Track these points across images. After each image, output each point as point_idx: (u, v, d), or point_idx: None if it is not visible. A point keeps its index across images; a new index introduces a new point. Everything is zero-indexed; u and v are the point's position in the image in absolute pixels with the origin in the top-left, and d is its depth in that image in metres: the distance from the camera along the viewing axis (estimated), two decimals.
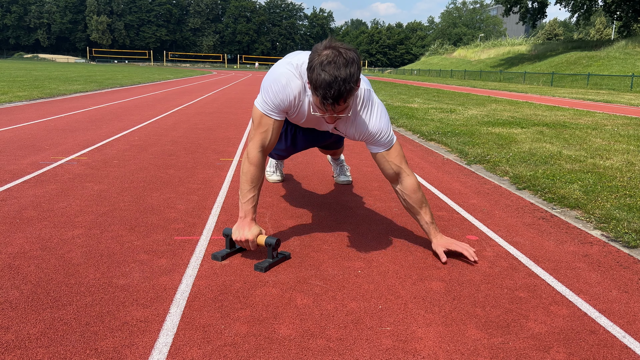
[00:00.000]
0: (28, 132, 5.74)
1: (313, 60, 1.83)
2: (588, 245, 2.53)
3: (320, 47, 1.87)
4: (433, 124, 7.61)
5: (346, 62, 1.79)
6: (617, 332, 1.68)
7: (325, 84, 1.78)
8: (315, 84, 1.81)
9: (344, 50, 1.82)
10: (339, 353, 1.50)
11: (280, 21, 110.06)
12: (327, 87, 1.79)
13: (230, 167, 4.19)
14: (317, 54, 1.84)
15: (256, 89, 18.01)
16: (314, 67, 1.81)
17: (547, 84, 29.50)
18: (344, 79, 1.78)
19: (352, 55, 1.82)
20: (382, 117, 2.18)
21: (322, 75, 1.78)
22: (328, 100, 1.82)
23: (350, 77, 1.80)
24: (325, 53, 1.81)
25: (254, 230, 2.17)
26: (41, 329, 1.58)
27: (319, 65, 1.80)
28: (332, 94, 1.79)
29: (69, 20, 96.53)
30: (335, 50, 1.81)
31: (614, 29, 50.57)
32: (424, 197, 2.31)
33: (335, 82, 1.77)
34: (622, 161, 4.77)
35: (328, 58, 1.79)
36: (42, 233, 2.43)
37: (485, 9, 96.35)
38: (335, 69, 1.78)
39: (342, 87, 1.79)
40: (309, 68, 1.84)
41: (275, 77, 2.10)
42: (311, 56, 1.86)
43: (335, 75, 1.77)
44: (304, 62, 2.07)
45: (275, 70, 2.13)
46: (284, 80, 2.08)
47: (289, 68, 2.09)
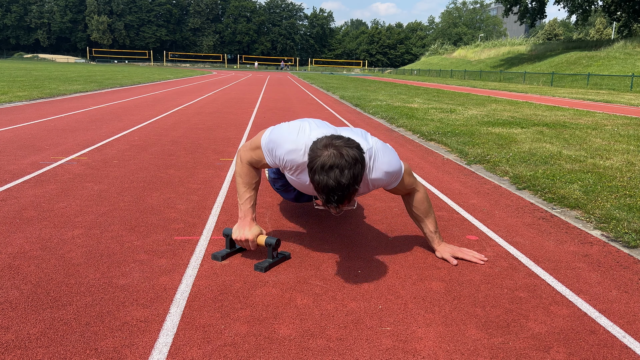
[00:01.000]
0: (28, 132, 5.74)
1: (314, 161, 1.74)
2: (588, 245, 2.53)
3: (320, 144, 1.77)
4: (433, 124, 7.62)
5: (349, 164, 1.71)
6: (617, 332, 1.68)
7: (328, 189, 1.71)
8: (318, 188, 1.75)
9: (346, 151, 1.73)
10: (339, 353, 1.51)
11: (280, 21, 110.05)
12: (330, 193, 1.72)
13: (230, 167, 4.19)
14: (317, 153, 1.75)
15: (256, 89, 18.01)
16: (315, 169, 1.73)
17: (547, 84, 29.51)
18: (347, 184, 1.71)
19: (354, 153, 1.74)
20: (388, 163, 2.07)
21: (325, 180, 1.70)
22: (331, 204, 1.77)
23: (354, 180, 1.72)
24: (326, 154, 1.72)
25: (254, 230, 2.17)
26: (41, 329, 1.58)
27: (320, 168, 1.71)
28: (336, 199, 1.74)
29: (69, 20, 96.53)
30: (336, 151, 1.72)
31: (614, 29, 50.57)
32: (431, 208, 2.31)
33: (338, 188, 1.70)
34: (622, 161, 4.77)
35: (330, 161, 1.70)
36: (42, 233, 2.43)
37: (485, 9, 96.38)
38: (338, 174, 1.69)
39: (345, 192, 1.72)
40: (310, 168, 1.76)
41: (286, 140, 1.99)
42: (311, 155, 1.77)
43: (338, 180, 1.69)
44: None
45: (291, 131, 2.01)
46: (290, 147, 1.98)
47: (304, 140, 1.97)
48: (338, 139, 1.78)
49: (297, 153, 1.97)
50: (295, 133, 2.00)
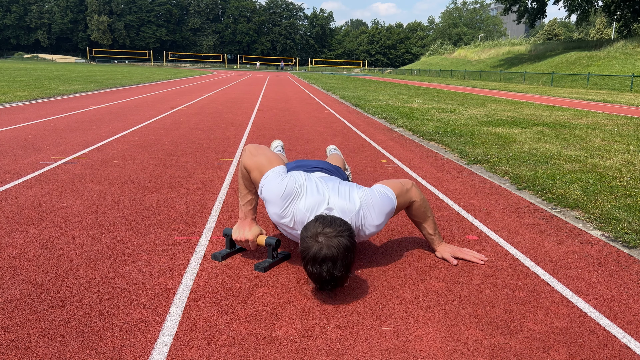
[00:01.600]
0: (28, 132, 5.74)
1: (307, 251, 1.77)
2: (588, 245, 2.53)
3: (311, 232, 1.79)
4: (433, 124, 7.61)
5: (341, 255, 1.74)
6: (617, 332, 1.68)
7: (322, 281, 1.77)
8: (312, 278, 1.80)
9: (337, 241, 1.75)
10: (339, 353, 1.50)
11: (280, 21, 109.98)
12: (324, 284, 1.78)
13: (230, 167, 4.19)
14: (309, 243, 1.77)
15: (256, 89, 18.01)
16: (307, 260, 1.77)
17: (547, 84, 29.51)
18: (340, 276, 1.76)
19: (345, 242, 1.76)
20: (383, 207, 2.07)
21: (318, 271, 1.75)
22: (326, 290, 1.82)
23: (347, 270, 1.78)
24: (318, 246, 1.75)
25: (254, 230, 2.17)
26: (41, 329, 1.58)
27: (312, 260, 1.75)
28: (329, 288, 1.79)
29: (69, 20, 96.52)
30: (328, 242, 1.75)
31: (614, 29, 50.56)
32: (429, 211, 2.31)
33: (332, 279, 1.76)
34: (622, 161, 4.77)
35: (321, 253, 1.74)
36: (42, 233, 2.43)
37: (485, 9, 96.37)
38: (331, 266, 1.73)
39: (339, 282, 1.79)
40: (303, 257, 1.79)
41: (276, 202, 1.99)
42: (303, 244, 1.79)
43: (332, 273, 1.74)
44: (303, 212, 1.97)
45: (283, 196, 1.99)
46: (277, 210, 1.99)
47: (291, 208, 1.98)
48: (329, 225, 1.79)
49: (283, 218, 2.00)
50: (285, 198, 1.98)
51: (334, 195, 2.02)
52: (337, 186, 2.08)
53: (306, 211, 1.96)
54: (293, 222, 1.99)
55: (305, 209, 1.96)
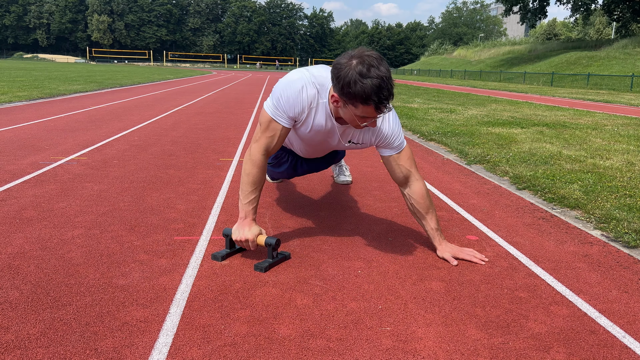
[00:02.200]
0: (28, 132, 5.74)
1: (348, 75, 1.79)
2: (588, 245, 2.53)
3: (342, 60, 1.84)
4: (433, 124, 7.61)
5: (379, 59, 1.80)
6: (617, 332, 1.68)
7: (377, 88, 1.78)
8: (364, 94, 1.79)
9: (369, 52, 1.82)
10: (339, 353, 1.50)
11: (280, 21, 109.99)
12: (380, 91, 1.78)
13: (230, 167, 4.19)
14: (345, 67, 1.81)
15: (256, 89, 18.01)
16: (354, 81, 1.78)
17: (547, 84, 29.50)
18: (389, 76, 1.80)
19: (377, 53, 1.84)
20: (394, 120, 2.17)
21: (370, 82, 1.77)
22: (384, 103, 1.82)
23: (390, 73, 1.82)
24: (357, 62, 1.79)
25: (254, 230, 2.17)
26: (41, 329, 1.58)
27: (359, 75, 1.77)
28: (386, 95, 1.80)
29: (68, 20, 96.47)
30: (362, 54, 1.81)
31: (614, 29, 50.58)
32: (432, 204, 2.30)
33: (385, 82, 1.78)
34: (622, 161, 4.77)
35: (365, 65, 1.78)
36: (42, 233, 2.43)
37: (485, 9, 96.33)
38: (377, 71, 1.77)
39: (390, 83, 1.81)
40: (346, 84, 1.80)
41: (290, 82, 2.07)
42: (338, 72, 1.82)
43: (382, 75, 1.77)
44: (320, 74, 2.05)
45: (290, 76, 2.09)
46: (298, 85, 2.04)
47: (306, 75, 2.06)
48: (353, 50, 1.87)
49: (307, 91, 2.04)
50: (298, 73, 2.07)
51: None
52: None
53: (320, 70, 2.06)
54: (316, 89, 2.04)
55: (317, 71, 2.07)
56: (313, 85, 2.05)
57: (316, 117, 2.11)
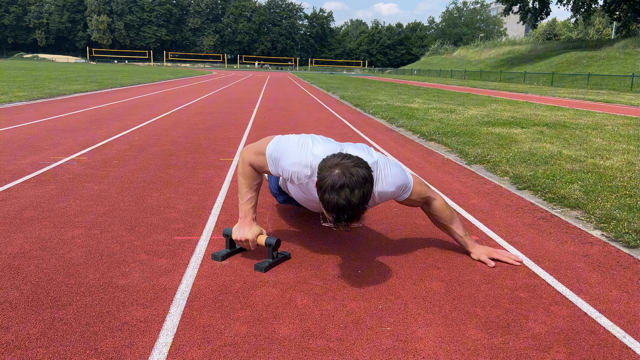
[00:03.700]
0: (28, 132, 5.74)
1: (324, 180, 1.76)
2: (588, 245, 2.53)
3: (330, 163, 1.80)
4: (433, 124, 7.61)
5: (359, 183, 1.73)
6: (617, 332, 1.67)
7: (338, 208, 1.74)
8: (328, 207, 1.77)
9: (355, 170, 1.75)
10: (339, 353, 1.50)
11: (280, 21, 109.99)
12: (340, 212, 1.74)
13: (230, 167, 4.19)
14: (327, 172, 1.77)
15: (256, 89, 18.01)
16: (324, 188, 1.75)
17: (547, 84, 29.50)
18: (357, 204, 1.73)
19: (364, 173, 1.76)
20: (395, 176, 2.10)
21: (335, 199, 1.72)
22: (342, 223, 1.79)
23: (364, 199, 1.75)
24: (336, 173, 1.74)
25: (254, 230, 2.17)
26: (41, 329, 1.58)
27: (330, 187, 1.73)
28: (346, 217, 1.76)
29: (67, 20, 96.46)
30: (346, 170, 1.75)
31: (614, 29, 50.56)
32: (453, 213, 2.31)
33: (349, 207, 1.73)
34: (622, 161, 4.77)
35: (340, 180, 1.72)
36: (42, 233, 2.43)
37: (485, 9, 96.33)
38: (348, 193, 1.71)
39: (355, 211, 1.75)
40: (320, 187, 1.77)
41: (290, 150, 2.03)
42: (320, 174, 1.79)
43: (349, 200, 1.72)
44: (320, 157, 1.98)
45: (296, 149, 2.03)
46: (294, 159, 2.01)
47: (308, 156, 2.00)
48: (346, 158, 1.81)
49: (301, 166, 2.00)
50: (299, 147, 2.03)
51: (349, 146, 2.07)
52: (353, 144, 2.13)
53: (323, 155, 1.96)
54: (310, 169, 1.99)
55: (322, 153, 1.97)
56: (309, 168, 2.01)
57: (308, 187, 2.09)
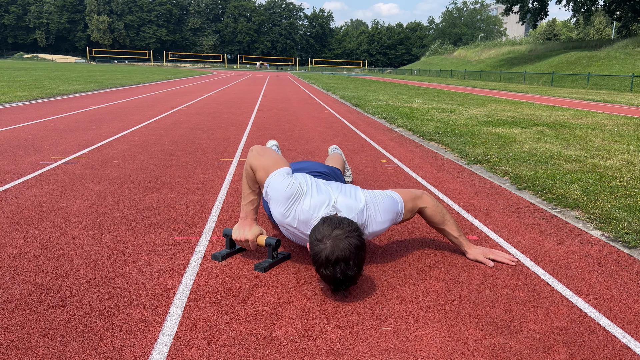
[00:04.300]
0: (28, 132, 5.74)
1: (318, 255, 1.79)
2: (588, 245, 2.53)
3: (320, 234, 1.82)
4: (433, 124, 7.61)
5: (353, 254, 1.78)
6: (617, 332, 1.67)
7: (336, 282, 1.80)
8: (325, 280, 1.83)
9: (348, 242, 1.78)
10: (339, 353, 1.50)
11: (280, 21, 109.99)
12: (339, 285, 1.81)
13: (230, 167, 4.19)
14: (319, 246, 1.80)
15: (256, 89, 18.01)
16: (320, 263, 1.79)
17: (547, 84, 29.50)
18: (354, 275, 1.80)
19: (356, 242, 1.79)
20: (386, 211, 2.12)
21: (332, 273, 1.78)
22: (339, 291, 1.85)
23: (359, 268, 1.81)
24: (330, 247, 1.77)
25: (255, 230, 2.17)
26: (41, 329, 1.58)
27: (325, 261, 1.77)
28: (344, 288, 1.83)
29: (66, 20, 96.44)
30: (338, 244, 1.77)
31: (614, 28, 50.57)
32: (446, 214, 2.31)
33: (346, 280, 1.79)
34: (622, 161, 4.77)
35: (334, 255, 1.76)
36: (42, 233, 2.43)
37: (485, 9, 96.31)
38: (344, 267, 1.76)
39: (352, 281, 1.82)
40: (315, 261, 1.81)
41: (281, 199, 2.01)
42: (313, 247, 1.82)
43: (345, 273, 1.77)
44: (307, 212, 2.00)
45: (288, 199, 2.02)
46: (282, 210, 2.01)
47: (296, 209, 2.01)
48: (338, 227, 1.82)
49: (287, 217, 2.02)
50: (290, 199, 2.01)
51: (338, 194, 2.07)
52: (342, 186, 2.14)
53: (310, 210, 1.99)
54: (297, 222, 2.02)
55: (309, 207, 1.99)
56: (295, 220, 2.01)
57: (291, 230, 2.09)
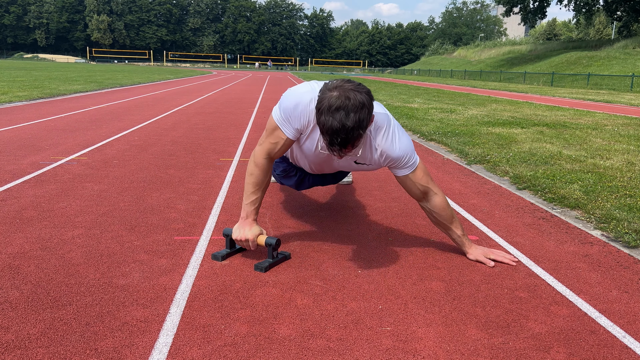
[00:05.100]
0: (28, 132, 5.74)
1: (322, 102, 1.75)
2: (588, 245, 2.53)
3: (330, 86, 1.78)
4: (433, 124, 7.61)
5: (355, 107, 1.71)
6: (617, 332, 1.67)
7: (332, 131, 1.72)
8: (323, 129, 1.75)
9: (354, 94, 1.73)
10: (339, 353, 1.50)
11: (281, 21, 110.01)
12: (334, 134, 1.72)
13: (230, 167, 4.19)
14: (326, 94, 1.76)
15: (256, 89, 18.01)
16: (322, 110, 1.74)
17: (547, 84, 29.49)
18: (352, 127, 1.71)
19: (362, 98, 1.74)
20: (404, 140, 2.09)
21: (330, 121, 1.71)
22: (335, 147, 1.77)
23: (359, 124, 1.72)
24: (335, 95, 1.73)
25: (255, 230, 2.17)
26: (41, 329, 1.58)
27: (327, 109, 1.72)
28: (339, 141, 1.74)
29: (66, 20, 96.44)
30: (344, 93, 1.73)
31: (614, 28, 50.56)
32: (453, 212, 2.28)
33: (342, 130, 1.71)
34: (622, 161, 4.77)
35: (337, 102, 1.71)
36: (42, 233, 2.43)
37: (485, 9, 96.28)
38: (343, 116, 1.70)
39: (349, 135, 1.72)
40: (317, 109, 1.76)
41: (299, 93, 2.02)
42: (320, 96, 1.78)
43: (343, 122, 1.70)
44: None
45: (300, 88, 2.05)
46: (307, 98, 1.99)
47: (315, 89, 2.01)
48: (348, 82, 1.79)
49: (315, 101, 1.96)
50: (307, 86, 2.03)
51: None
52: None
53: None
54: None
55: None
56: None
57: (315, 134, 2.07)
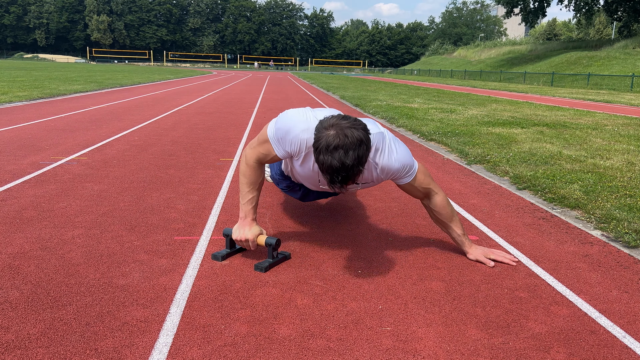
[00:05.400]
0: (28, 132, 5.74)
1: (319, 141, 1.74)
2: (588, 245, 2.53)
3: (326, 124, 1.78)
4: (433, 124, 7.61)
5: (354, 145, 1.71)
6: (617, 332, 1.67)
7: (332, 170, 1.72)
8: (322, 168, 1.75)
9: (351, 132, 1.73)
10: (339, 353, 1.50)
11: (281, 21, 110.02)
12: (334, 173, 1.73)
13: (230, 167, 4.19)
14: (322, 133, 1.75)
15: (256, 89, 18.00)
16: (320, 150, 1.74)
17: (547, 84, 29.49)
18: (351, 165, 1.71)
19: (359, 135, 1.74)
20: (401, 153, 2.08)
21: (329, 160, 1.71)
22: (336, 184, 1.77)
23: (359, 161, 1.73)
24: (332, 134, 1.72)
25: (254, 230, 2.17)
26: (41, 329, 1.58)
27: (325, 148, 1.72)
28: (340, 179, 1.75)
29: (66, 20, 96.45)
30: (341, 131, 1.72)
31: (614, 28, 50.58)
32: (454, 211, 2.29)
33: (342, 169, 1.71)
34: (622, 161, 4.77)
35: (334, 141, 1.71)
36: (42, 233, 2.43)
37: (485, 9, 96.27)
38: (342, 154, 1.70)
39: (349, 172, 1.73)
40: (315, 148, 1.76)
41: (295, 121, 2.00)
42: (317, 134, 1.78)
43: (343, 161, 1.70)
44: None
45: (295, 115, 2.03)
46: (301, 127, 1.98)
47: (312, 120, 1.98)
48: (344, 119, 1.79)
49: (310, 133, 1.96)
50: (303, 115, 2.02)
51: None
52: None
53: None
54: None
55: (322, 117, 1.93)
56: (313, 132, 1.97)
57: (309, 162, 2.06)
